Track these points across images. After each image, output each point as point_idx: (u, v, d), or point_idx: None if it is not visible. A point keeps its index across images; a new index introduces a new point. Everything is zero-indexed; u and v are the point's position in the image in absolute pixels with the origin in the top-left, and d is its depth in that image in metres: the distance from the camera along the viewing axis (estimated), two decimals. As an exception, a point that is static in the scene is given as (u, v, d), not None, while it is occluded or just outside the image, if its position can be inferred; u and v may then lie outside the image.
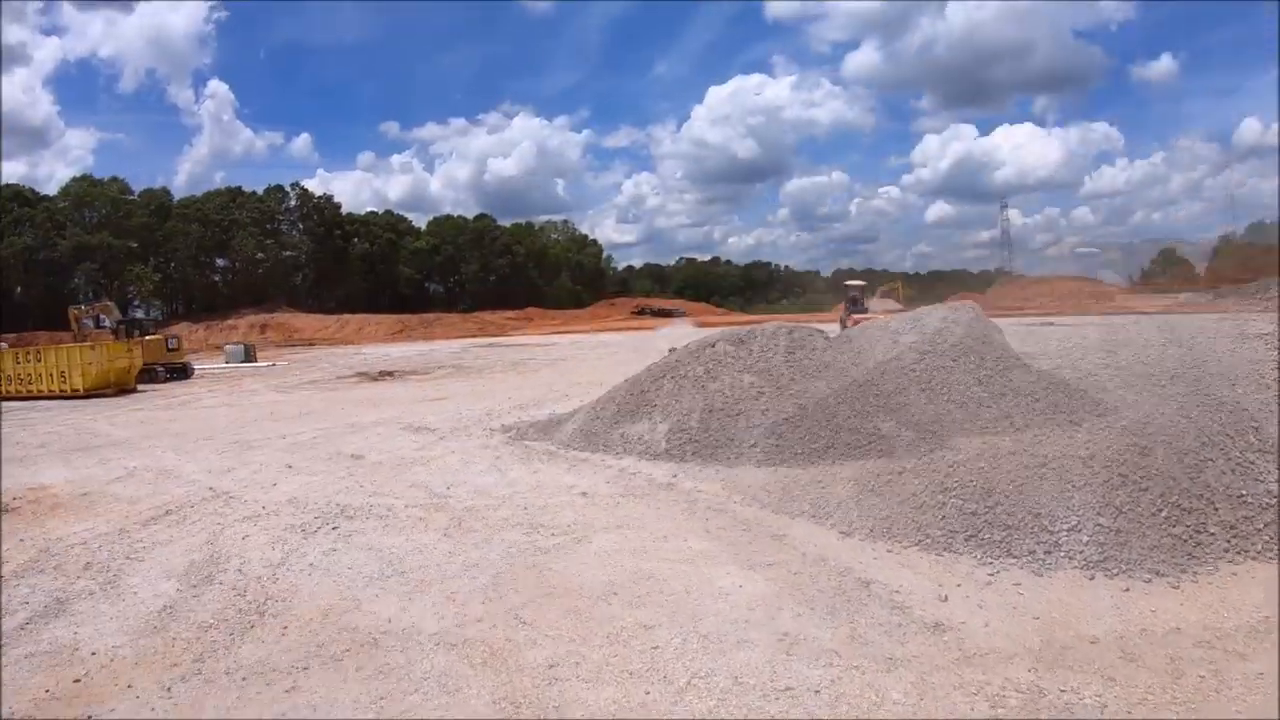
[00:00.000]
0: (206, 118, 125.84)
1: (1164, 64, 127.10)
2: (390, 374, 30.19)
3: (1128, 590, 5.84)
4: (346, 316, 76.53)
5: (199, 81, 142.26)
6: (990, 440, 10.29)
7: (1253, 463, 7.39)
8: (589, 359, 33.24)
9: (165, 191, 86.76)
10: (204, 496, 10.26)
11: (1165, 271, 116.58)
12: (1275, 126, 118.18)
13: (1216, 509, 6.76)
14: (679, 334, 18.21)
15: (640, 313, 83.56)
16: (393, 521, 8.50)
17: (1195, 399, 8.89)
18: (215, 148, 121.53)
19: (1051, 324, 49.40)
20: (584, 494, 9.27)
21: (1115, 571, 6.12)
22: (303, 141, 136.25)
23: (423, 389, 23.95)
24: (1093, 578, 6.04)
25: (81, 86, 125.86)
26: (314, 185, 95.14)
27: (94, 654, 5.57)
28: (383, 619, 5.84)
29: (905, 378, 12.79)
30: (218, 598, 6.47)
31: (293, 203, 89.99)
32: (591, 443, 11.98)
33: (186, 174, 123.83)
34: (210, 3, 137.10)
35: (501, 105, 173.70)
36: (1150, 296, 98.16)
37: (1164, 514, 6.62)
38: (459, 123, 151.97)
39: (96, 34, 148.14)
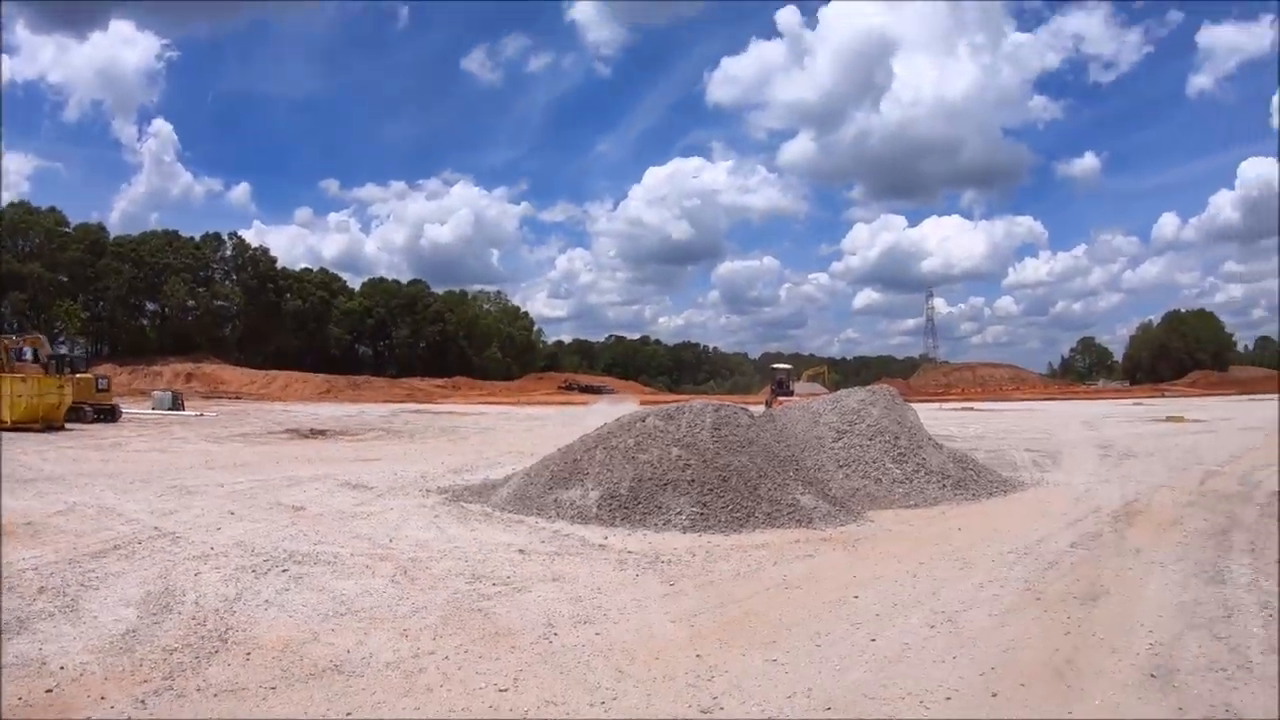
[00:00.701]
0: (148, 157, 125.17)
1: (1087, 162, 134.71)
2: (322, 433, 30.32)
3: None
4: (274, 372, 75.86)
5: (144, 119, 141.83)
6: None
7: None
8: (518, 430, 33.69)
9: (101, 228, 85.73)
10: (150, 535, 10.56)
11: (1084, 359, 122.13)
12: (1193, 221, 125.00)
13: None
14: (617, 410, 18.97)
15: (568, 388, 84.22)
16: (340, 568, 8.93)
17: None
18: (153, 188, 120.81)
19: (972, 409, 51.41)
20: (521, 551, 9.81)
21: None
22: (241, 191, 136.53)
23: (356, 449, 24.22)
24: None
25: (25, 111, 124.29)
26: (250, 236, 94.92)
27: (62, 668, 5.92)
28: (341, 650, 6.32)
29: (824, 455, 13.71)
30: (178, 625, 6.88)
31: (228, 252, 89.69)
32: (525, 506, 12.51)
33: (121, 212, 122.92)
34: (164, 41, 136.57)
35: (442, 172, 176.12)
36: (1068, 383, 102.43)
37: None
38: (398, 186, 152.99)
39: (47, 59, 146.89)
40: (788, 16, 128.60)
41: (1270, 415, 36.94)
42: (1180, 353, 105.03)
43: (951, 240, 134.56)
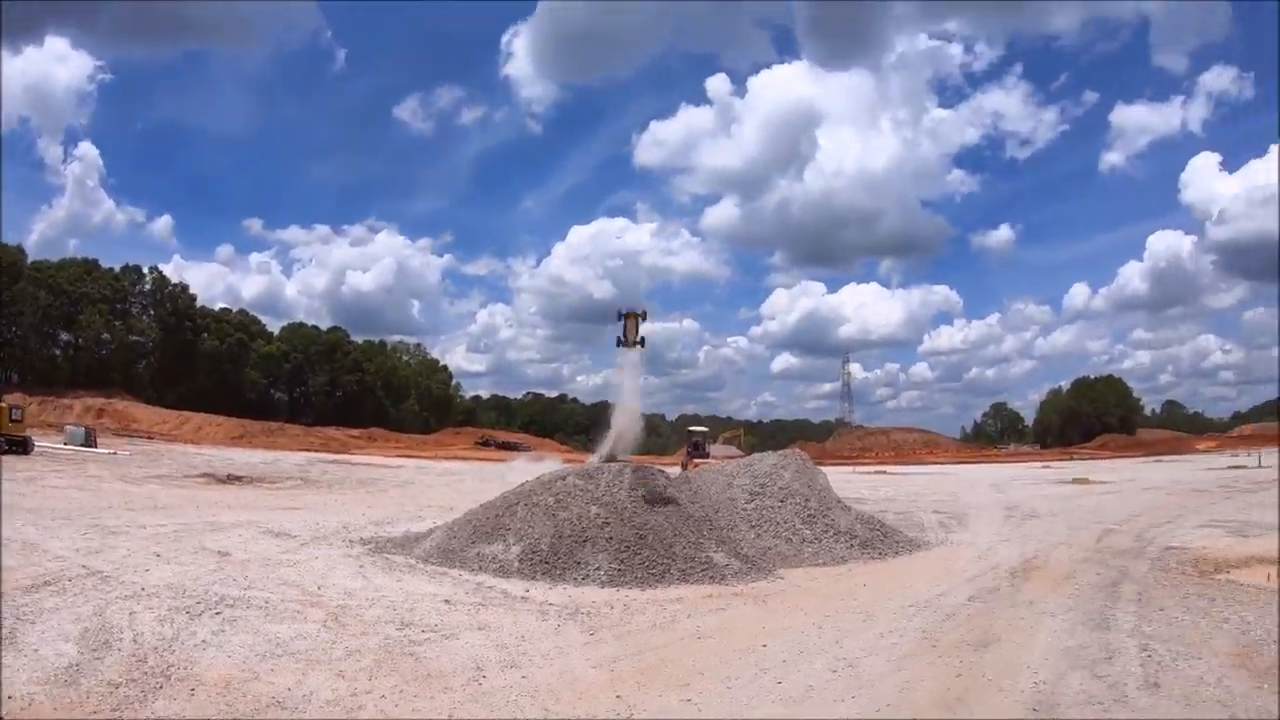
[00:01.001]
0: (71, 180, 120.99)
1: (1002, 234, 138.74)
2: (239, 479, 30.01)
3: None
4: (188, 414, 74.09)
5: (71, 141, 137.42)
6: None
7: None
8: (436, 485, 33.76)
9: (19, 250, 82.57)
10: (79, 573, 10.75)
11: (996, 423, 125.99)
12: (1103, 291, 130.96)
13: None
14: (538, 468, 19.50)
15: (484, 444, 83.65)
16: (272, 612, 9.27)
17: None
18: (74, 213, 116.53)
19: (885, 472, 52.88)
20: (446, 601, 10.26)
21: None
22: (163, 224, 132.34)
23: (275, 497, 24.22)
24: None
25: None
26: (170, 270, 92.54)
27: (10, 698, 6.24)
28: (282, 688, 6.74)
29: (737, 515, 14.45)
30: (120, 661, 7.20)
31: (147, 286, 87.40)
32: (449, 559, 12.90)
33: (40, 234, 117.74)
34: (98, 62, 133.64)
35: (368, 219, 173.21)
36: (980, 447, 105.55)
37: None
38: (323, 230, 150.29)
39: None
40: (718, 84, 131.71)
41: (1171, 476, 39.07)
42: (1089, 417, 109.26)
43: (869, 307, 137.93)
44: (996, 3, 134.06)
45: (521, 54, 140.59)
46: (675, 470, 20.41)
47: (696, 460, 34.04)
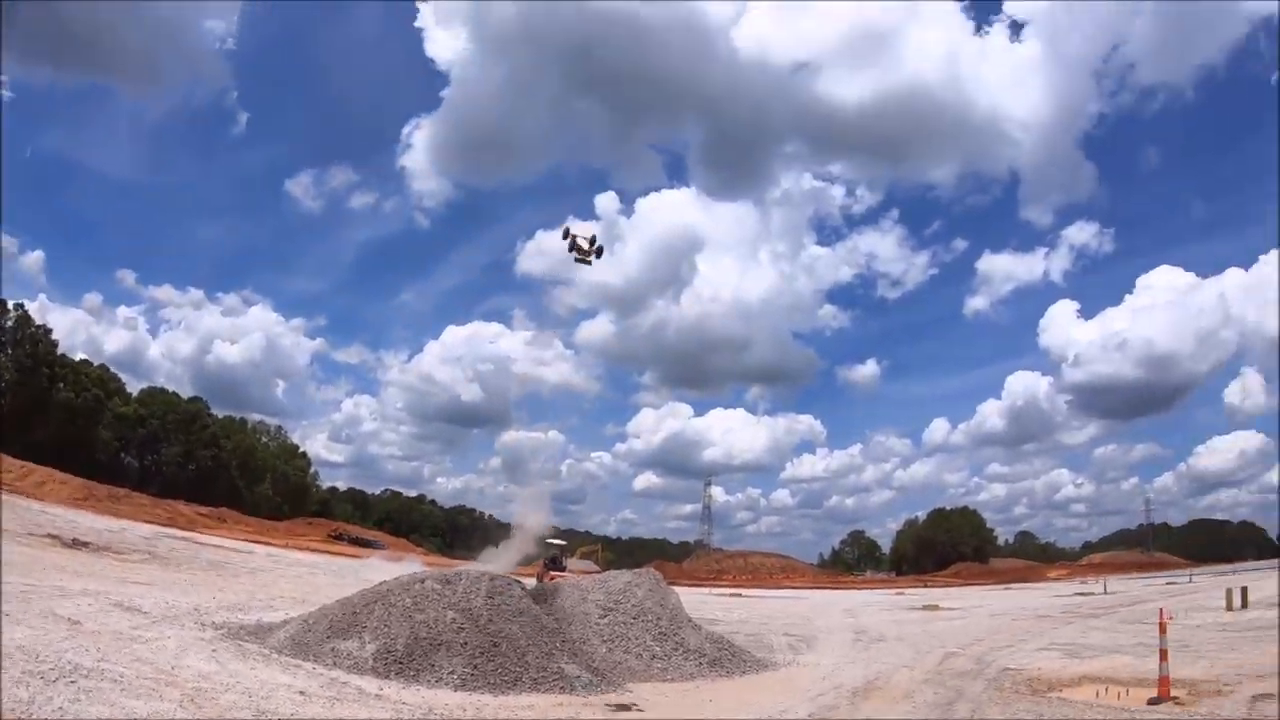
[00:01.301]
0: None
1: (869, 369, 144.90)
2: (86, 544, 29.02)
3: None
4: (32, 465, 70.12)
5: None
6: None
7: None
8: (289, 575, 33.15)
9: None
10: (-81, 632, 10.62)
11: (853, 550, 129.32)
12: (962, 426, 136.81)
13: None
14: (397, 568, 19.72)
15: (338, 538, 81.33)
16: (128, 687, 9.41)
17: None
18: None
19: (741, 595, 53.86)
20: (301, 693, 10.55)
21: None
22: (35, 259, 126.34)
23: (123, 569, 23.64)
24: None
25: None
26: (34, 309, 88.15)
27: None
28: (142, 761, 7.12)
29: (590, 629, 15.14)
30: (-23, 722, 7.41)
31: (9, 323, 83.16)
32: (303, 652, 13.09)
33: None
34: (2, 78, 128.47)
35: (243, 289, 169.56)
36: (837, 573, 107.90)
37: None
38: (196, 294, 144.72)
39: None
40: (607, 201, 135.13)
41: (1019, 603, 41.26)
42: (944, 546, 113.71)
43: (735, 432, 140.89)
44: (880, 152, 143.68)
45: (420, 147, 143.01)
46: (532, 581, 20.86)
47: (553, 573, 34.47)
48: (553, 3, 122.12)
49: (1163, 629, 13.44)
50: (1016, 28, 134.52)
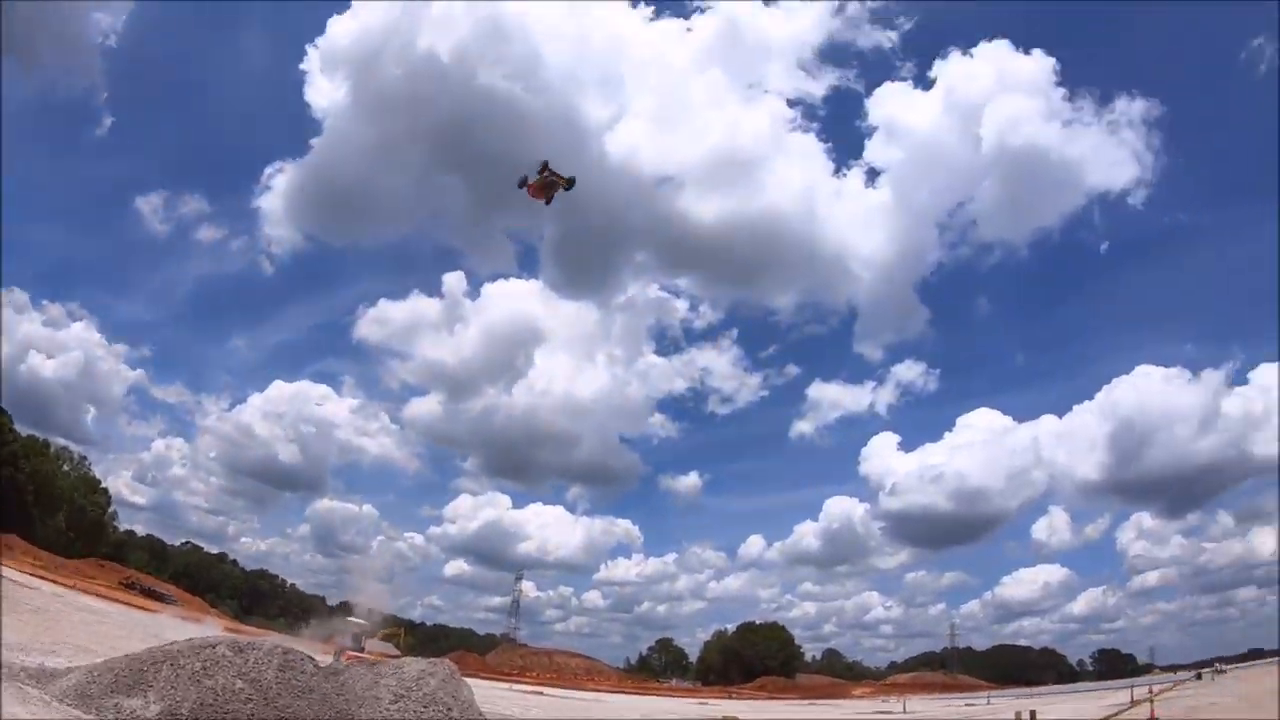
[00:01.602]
0: None
1: (691, 480, 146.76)
2: None
3: None
4: None
5: None
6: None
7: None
8: (75, 619, 30.94)
9: None
10: None
11: (661, 657, 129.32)
12: (778, 544, 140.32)
13: None
14: (192, 629, 19.03)
15: (129, 586, 76.09)
16: None
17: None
18: None
19: (543, 693, 53.23)
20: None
21: None
22: None
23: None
24: None
25: None
26: None
27: None
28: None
29: (378, 714, 15.09)
30: None
31: None
32: (86, 703, 12.62)
33: None
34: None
35: (70, 302, 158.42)
36: (643, 679, 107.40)
37: None
38: (20, 296, 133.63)
39: None
40: (454, 281, 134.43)
41: (817, 718, 42.21)
42: (751, 659, 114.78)
43: (551, 528, 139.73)
44: (728, 272, 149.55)
45: (279, 191, 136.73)
46: (328, 659, 20.46)
47: (351, 652, 33.58)
48: (440, 74, 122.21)
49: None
50: (873, 174, 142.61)
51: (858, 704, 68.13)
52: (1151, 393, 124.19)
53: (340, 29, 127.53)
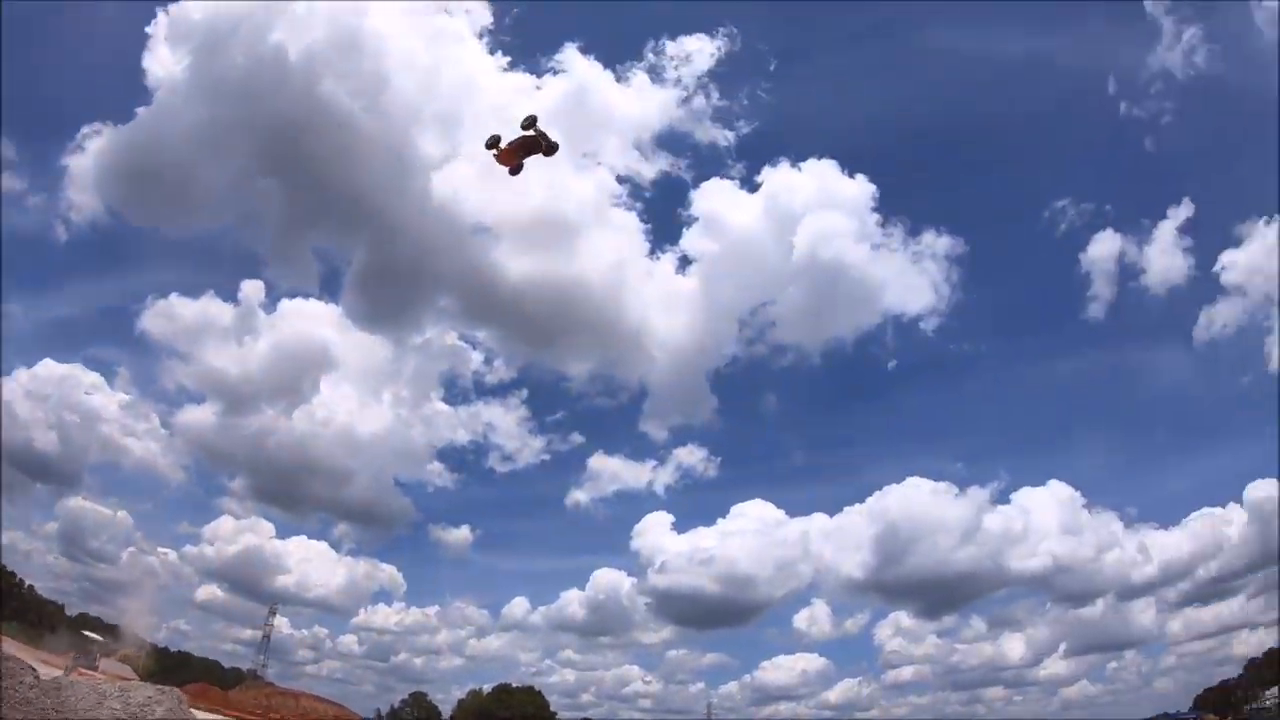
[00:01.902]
0: None
1: (463, 533, 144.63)
2: None
3: None
4: None
5: None
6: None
7: None
8: None
9: None
10: None
11: (414, 712, 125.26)
12: (542, 609, 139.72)
13: None
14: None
15: None
16: None
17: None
18: None
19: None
20: None
21: None
22: None
23: None
24: None
25: None
26: None
27: None
28: None
29: (94, 736, 14.99)
30: None
31: None
32: None
33: None
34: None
35: None
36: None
37: None
38: None
39: None
40: (252, 290, 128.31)
41: None
42: None
43: (314, 564, 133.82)
44: (527, 332, 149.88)
45: (92, 153, 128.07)
46: (56, 673, 19.77)
47: (83, 669, 31.94)
48: (283, 72, 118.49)
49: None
50: (686, 262, 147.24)
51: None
52: (919, 502, 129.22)
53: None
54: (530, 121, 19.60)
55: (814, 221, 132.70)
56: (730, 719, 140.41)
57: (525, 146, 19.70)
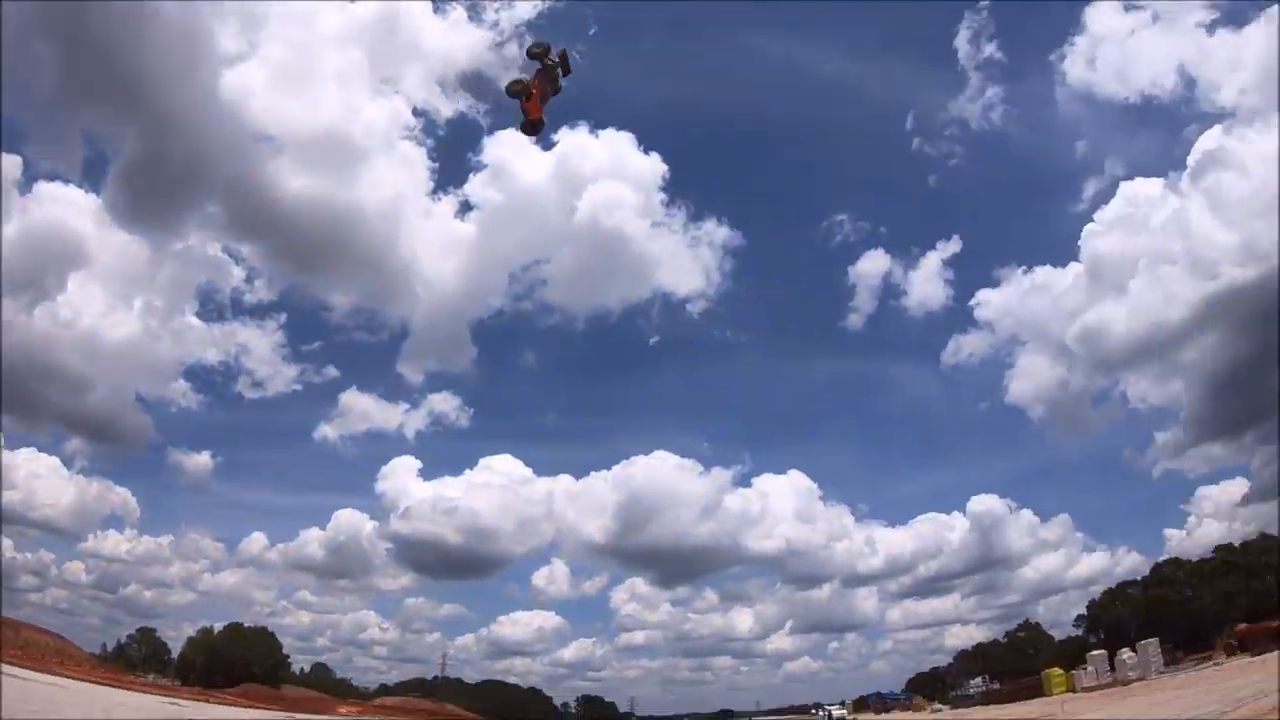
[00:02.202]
0: None
1: (204, 459, 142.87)
2: None
3: None
4: None
5: None
6: None
7: None
8: None
9: None
10: None
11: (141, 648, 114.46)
12: (281, 545, 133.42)
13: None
14: None
15: None
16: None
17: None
18: None
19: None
20: None
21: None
22: None
23: None
24: None
25: None
26: None
27: None
28: None
29: None
30: None
31: None
32: None
33: None
34: None
35: None
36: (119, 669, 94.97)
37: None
38: None
39: None
40: (9, 166, 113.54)
41: None
42: (239, 662, 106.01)
43: (42, 480, 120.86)
44: (295, 255, 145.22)
45: None
46: None
47: None
48: None
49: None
50: (467, 207, 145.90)
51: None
52: (665, 475, 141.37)
53: None
54: (542, 49, 17.38)
55: (601, 189, 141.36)
56: (465, 672, 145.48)
57: (550, 80, 17.42)
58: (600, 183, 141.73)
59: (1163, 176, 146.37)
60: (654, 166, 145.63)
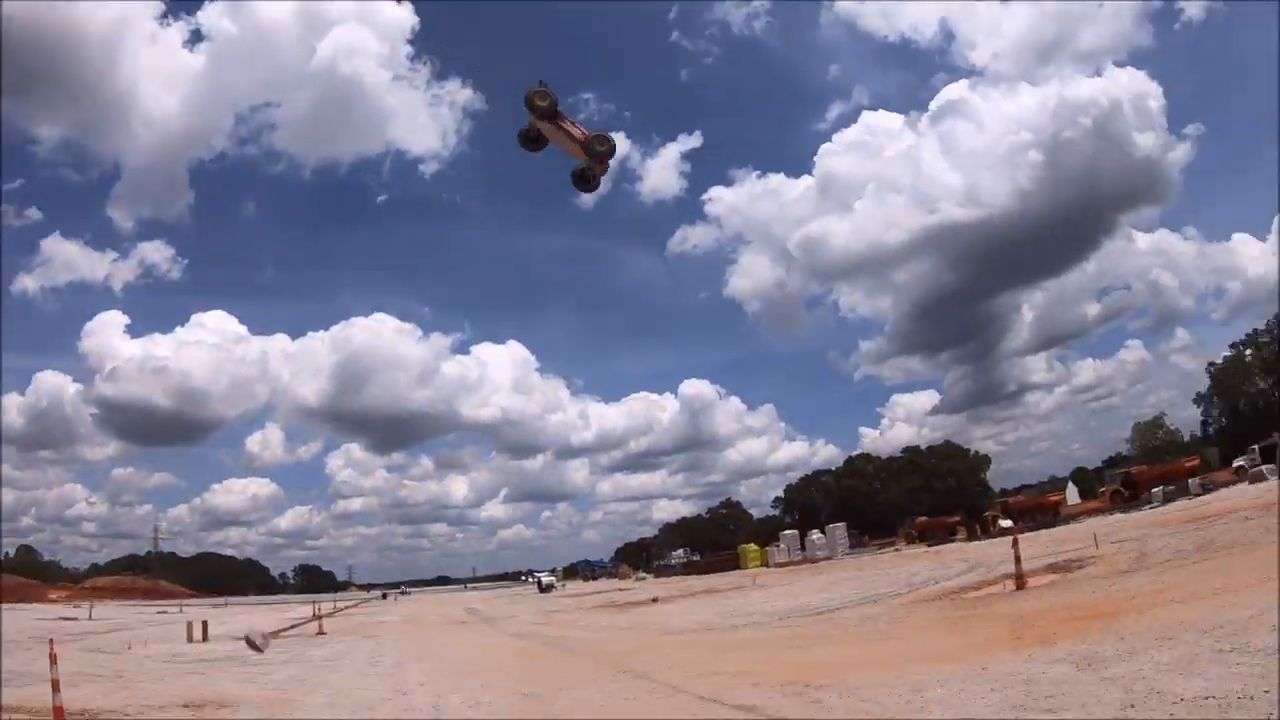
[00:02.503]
0: None
1: None
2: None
3: None
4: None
5: None
6: None
7: None
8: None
9: None
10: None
11: None
12: None
13: None
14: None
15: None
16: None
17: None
18: None
19: None
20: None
21: None
22: None
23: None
24: None
25: None
26: None
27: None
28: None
29: None
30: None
31: None
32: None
33: None
34: None
35: None
36: None
37: None
38: None
39: None
40: None
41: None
42: None
43: None
44: None
45: None
46: None
47: None
48: None
49: (53, 659, 12.21)
50: (198, 38, 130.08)
51: (49, 609, 59.58)
52: (384, 338, 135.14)
53: None
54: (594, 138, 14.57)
55: (344, 33, 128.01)
56: (180, 545, 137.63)
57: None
58: (344, 26, 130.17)
59: (904, 114, 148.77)
60: (405, 17, 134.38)
